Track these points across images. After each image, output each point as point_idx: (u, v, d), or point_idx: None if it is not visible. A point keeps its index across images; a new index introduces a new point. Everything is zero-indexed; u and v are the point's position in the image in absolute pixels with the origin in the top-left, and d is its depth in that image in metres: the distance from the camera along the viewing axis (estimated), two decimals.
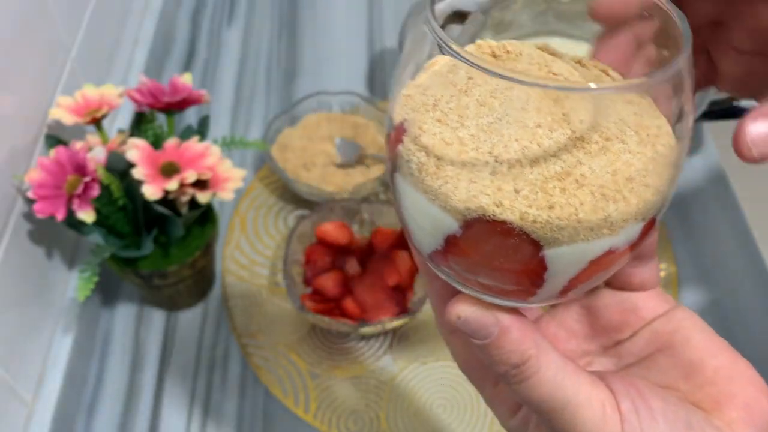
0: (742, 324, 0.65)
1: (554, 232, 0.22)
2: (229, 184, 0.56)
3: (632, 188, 0.23)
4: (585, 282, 0.25)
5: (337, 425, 0.58)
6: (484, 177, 0.22)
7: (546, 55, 0.27)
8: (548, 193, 0.22)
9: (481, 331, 0.25)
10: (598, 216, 0.22)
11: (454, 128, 0.23)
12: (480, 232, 0.23)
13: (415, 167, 0.24)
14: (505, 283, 0.25)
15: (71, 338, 0.59)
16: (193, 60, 0.87)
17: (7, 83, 0.52)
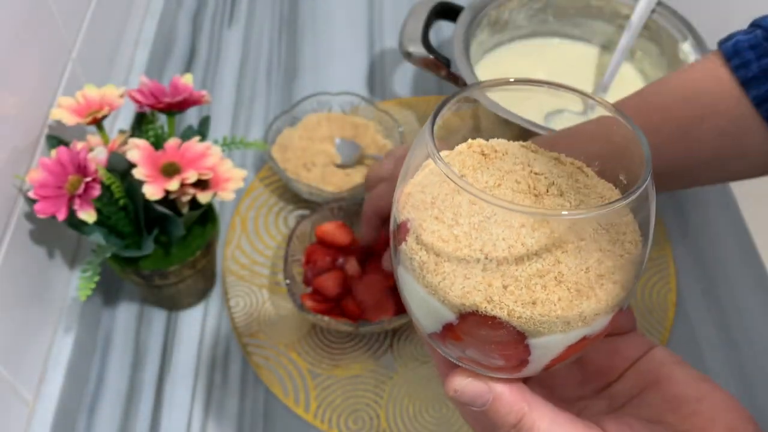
0: (741, 323, 0.65)
1: (536, 326, 0.26)
2: (229, 185, 0.57)
3: (602, 284, 0.26)
4: (564, 361, 0.29)
5: (337, 424, 0.58)
6: (477, 273, 0.26)
7: (529, 152, 0.30)
8: (531, 290, 0.26)
9: (477, 400, 0.29)
10: (573, 312, 0.26)
11: (449, 226, 0.26)
12: (473, 323, 0.27)
13: (417, 265, 0.27)
14: (495, 362, 0.28)
15: (72, 337, 0.59)
16: (193, 61, 0.87)
17: (9, 83, 0.52)
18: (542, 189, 0.28)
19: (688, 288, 0.68)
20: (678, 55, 0.71)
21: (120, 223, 0.55)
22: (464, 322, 0.27)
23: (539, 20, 0.78)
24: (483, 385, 0.29)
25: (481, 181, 0.28)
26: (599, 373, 0.33)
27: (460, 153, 0.30)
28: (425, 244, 0.27)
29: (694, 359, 0.63)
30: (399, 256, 0.29)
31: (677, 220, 0.73)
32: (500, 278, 0.26)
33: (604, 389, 0.33)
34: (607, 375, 0.33)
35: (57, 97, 0.60)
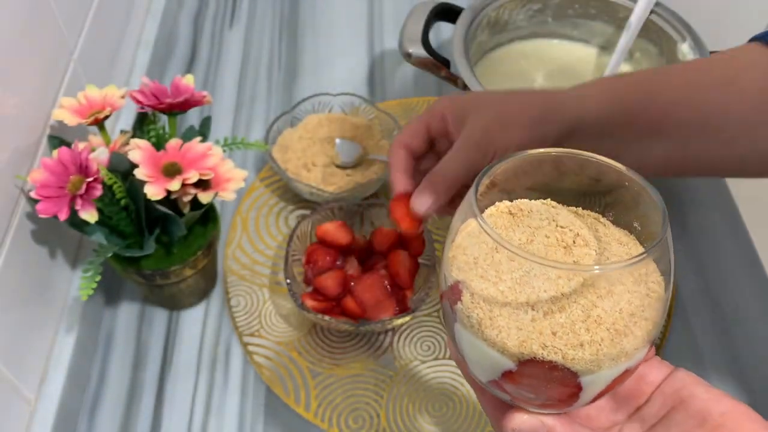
0: (740, 323, 0.65)
1: (587, 365, 0.29)
2: (230, 185, 0.57)
3: (636, 322, 0.29)
4: (609, 392, 0.32)
5: (337, 423, 0.59)
6: (527, 324, 0.29)
7: (551, 209, 0.34)
8: (577, 333, 0.29)
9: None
10: (616, 349, 0.29)
11: (494, 283, 0.30)
12: (532, 368, 0.30)
13: (475, 321, 0.30)
14: (548, 400, 0.31)
15: (74, 337, 0.59)
16: (195, 61, 0.88)
17: (10, 84, 0.52)
18: (569, 241, 0.31)
19: (686, 288, 0.68)
20: (677, 56, 0.72)
21: (121, 223, 0.56)
22: (523, 368, 0.30)
23: (538, 21, 0.78)
24: (537, 421, 0.32)
25: (515, 238, 0.32)
26: (628, 399, 0.36)
27: (491, 215, 0.33)
28: (479, 302, 0.30)
29: (692, 358, 0.63)
30: (456, 315, 0.31)
31: (676, 220, 0.73)
32: (548, 326, 0.29)
33: (634, 413, 0.36)
34: (635, 399, 0.36)
35: (59, 97, 0.60)
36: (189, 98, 0.59)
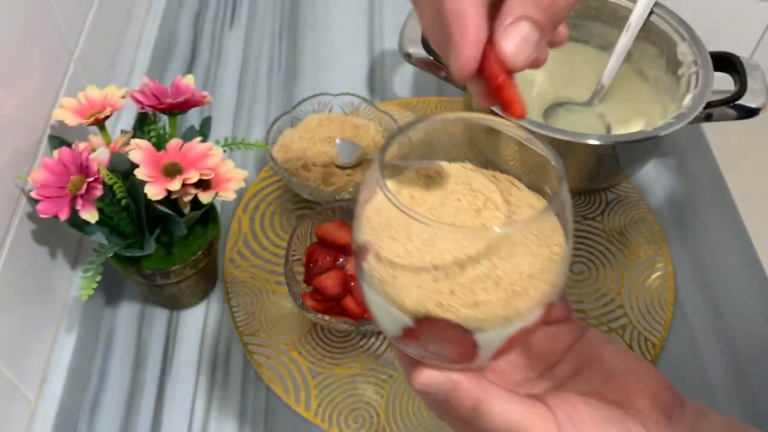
0: (740, 323, 0.65)
1: (480, 323, 0.30)
2: (230, 185, 0.57)
3: (534, 284, 0.30)
4: (508, 351, 0.33)
5: (337, 423, 0.59)
6: (429, 283, 0.30)
7: (468, 172, 0.35)
8: (474, 293, 0.30)
9: (439, 389, 0.33)
10: (510, 310, 0.30)
11: (403, 243, 0.30)
12: (428, 325, 0.31)
13: (377, 280, 0.31)
14: (449, 356, 0.32)
15: (74, 337, 0.59)
16: (195, 62, 0.88)
17: (11, 84, 0.52)
18: (480, 204, 0.33)
19: (686, 288, 0.68)
20: (676, 57, 0.72)
21: (122, 223, 0.56)
22: (421, 325, 0.31)
23: None
24: (443, 376, 0.33)
25: (429, 201, 0.33)
26: (542, 358, 0.38)
27: (410, 179, 0.34)
28: (384, 260, 0.31)
29: (692, 358, 0.63)
30: (362, 273, 0.33)
31: (675, 221, 0.73)
32: (448, 286, 0.30)
33: (547, 371, 0.38)
34: (548, 359, 0.38)
35: (59, 97, 0.60)
36: (189, 98, 0.59)
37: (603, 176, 0.71)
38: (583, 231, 0.71)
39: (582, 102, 0.76)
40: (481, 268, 0.30)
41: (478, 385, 0.33)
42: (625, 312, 0.66)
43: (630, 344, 0.63)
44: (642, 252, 0.70)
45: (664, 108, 0.73)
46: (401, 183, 0.34)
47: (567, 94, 0.77)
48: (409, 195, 0.33)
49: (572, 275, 0.68)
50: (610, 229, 0.72)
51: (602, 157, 0.68)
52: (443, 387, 0.33)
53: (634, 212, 0.73)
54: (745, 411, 0.60)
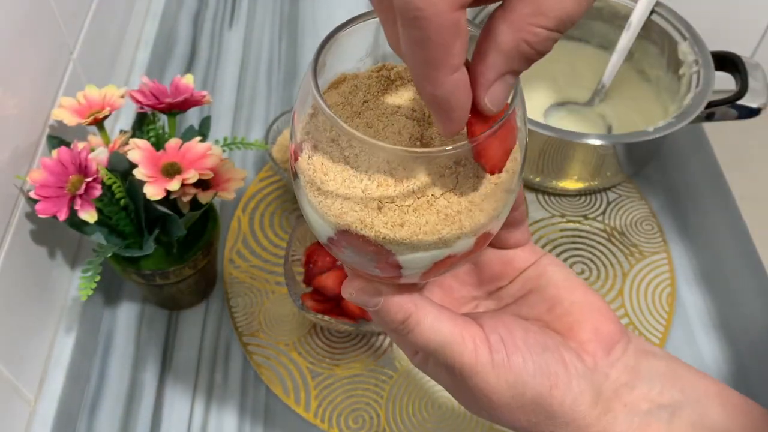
0: (740, 323, 0.65)
1: (400, 246, 0.29)
2: (230, 185, 0.57)
3: (470, 211, 0.28)
4: (437, 273, 0.31)
5: (337, 423, 0.59)
6: (357, 194, 0.28)
7: None
8: (403, 212, 0.28)
9: (369, 301, 0.32)
10: (433, 237, 0.28)
11: (343, 148, 0.28)
12: (349, 239, 0.29)
13: (305, 183, 0.30)
14: (374, 271, 0.31)
15: (73, 337, 0.59)
16: (194, 61, 0.88)
17: (10, 84, 0.52)
18: None
19: (686, 288, 0.68)
20: (677, 56, 0.72)
21: (121, 223, 0.56)
22: (341, 237, 0.30)
23: None
24: (373, 288, 0.32)
25: (381, 107, 0.30)
26: (493, 278, 0.37)
27: (368, 77, 0.32)
28: (314, 164, 0.29)
29: (692, 358, 0.63)
30: (293, 172, 0.31)
31: (676, 221, 0.73)
32: (377, 200, 0.28)
33: (495, 291, 0.37)
34: (499, 280, 0.37)
35: (58, 97, 0.60)
36: (189, 98, 0.59)
37: (604, 176, 0.71)
38: (584, 231, 0.71)
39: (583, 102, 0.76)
40: (417, 185, 0.28)
41: (410, 300, 0.32)
42: (626, 312, 0.65)
43: None
44: (643, 252, 0.70)
45: (664, 108, 0.73)
46: (359, 81, 0.32)
47: (568, 93, 0.77)
48: (363, 98, 0.31)
49: None
50: (611, 229, 0.71)
51: (603, 157, 0.68)
52: (373, 299, 0.32)
53: (635, 212, 0.73)
54: None
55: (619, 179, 0.72)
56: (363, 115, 0.30)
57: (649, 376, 0.34)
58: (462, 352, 0.32)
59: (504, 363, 0.32)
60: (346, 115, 0.30)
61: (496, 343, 0.32)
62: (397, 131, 0.29)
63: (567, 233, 0.71)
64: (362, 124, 0.30)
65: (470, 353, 0.32)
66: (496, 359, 0.32)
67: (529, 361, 0.32)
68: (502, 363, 0.32)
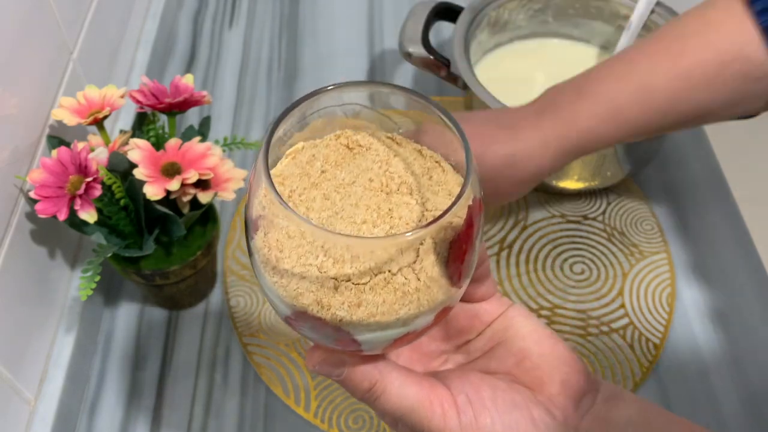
0: (740, 323, 0.65)
1: (358, 327, 0.28)
2: (230, 185, 0.57)
3: (429, 288, 0.28)
4: (398, 347, 0.31)
5: (337, 423, 0.59)
6: (313, 273, 0.27)
7: (393, 145, 0.32)
8: (360, 290, 0.27)
9: (333, 372, 0.33)
10: (391, 317, 0.28)
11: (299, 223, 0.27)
12: (305, 319, 0.29)
13: (261, 262, 0.29)
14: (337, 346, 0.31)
15: (73, 337, 0.59)
16: (194, 61, 0.88)
17: (10, 84, 0.52)
18: (393, 187, 0.30)
19: (687, 288, 0.68)
20: None
21: (121, 223, 0.56)
22: (298, 317, 0.29)
23: (539, 21, 0.78)
24: (336, 359, 0.32)
25: (339, 177, 0.30)
26: (460, 333, 0.37)
27: (327, 146, 0.32)
28: (269, 242, 0.28)
29: (693, 358, 0.63)
30: (250, 248, 0.30)
31: (676, 221, 0.73)
32: (334, 278, 0.27)
33: (463, 345, 0.37)
34: (467, 333, 0.37)
35: (58, 97, 0.60)
36: (188, 98, 0.58)
37: (604, 176, 0.71)
38: (584, 231, 0.71)
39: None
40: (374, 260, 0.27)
41: (374, 368, 0.32)
42: (626, 312, 0.65)
43: (631, 344, 0.63)
44: (643, 252, 0.70)
45: None
46: (317, 150, 0.31)
47: None
48: (321, 168, 0.30)
49: (573, 275, 0.68)
50: (611, 229, 0.71)
51: (603, 157, 0.68)
52: (336, 370, 0.32)
53: (635, 212, 0.73)
54: (746, 411, 0.60)
55: (619, 179, 0.72)
56: (320, 186, 0.30)
57: (620, 425, 0.34)
58: (430, 417, 0.32)
59: (472, 424, 0.32)
60: (303, 186, 0.30)
61: (463, 404, 0.32)
62: (354, 203, 0.29)
63: (567, 233, 0.71)
64: (319, 195, 0.29)
65: (438, 418, 0.32)
66: (463, 421, 0.32)
67: (497, 422, 0.32)
68: (470, 425, 0.32)
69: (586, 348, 0.63)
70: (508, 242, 0.70)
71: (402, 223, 0.28)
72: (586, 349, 0.63)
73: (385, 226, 0.28)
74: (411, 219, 0.29)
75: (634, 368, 0.62)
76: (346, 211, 0.28)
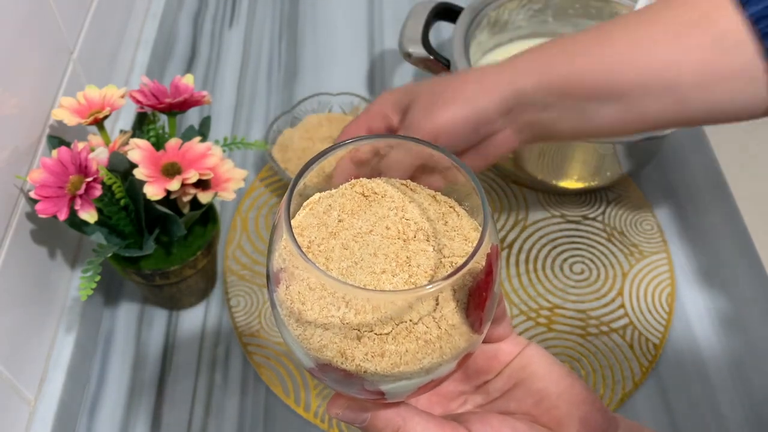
0: (740, 323, 0.65)
1: (382, 378, 0.29)
2: (230, 185, 0.57)
3: (450, 336, 0.28)
4: (421, 394, 0.31)
5: (337, 423, 0.59)
6: (336, 324, 0.28)
7: (408, 191, 0.33)
8: (383, 340, 0.28)
9: (355, 420, 0.33)
10: (415, 367, 0.28)
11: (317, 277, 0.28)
12: (330, 371, 0.29)
13: (285, 315, 0.29)
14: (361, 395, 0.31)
15: (73, 337, 0.59)
16: (194, 61, 0.88)
17: (10, 84, 0.52)
18: (410, 234, 0.30)
19: (686, 288, 0.68)
20: None
21: (121, 223, 0.56)
22: (322, 369, 0.30)
23: (539, 21, 0.78)
24: (359, 406, 0.33)
25: (356, 226, 0.31)
26: (478, 373, 0.38)
27: (342, 195, 0.32)
28: (291, 295, 0.29)
29: (693, 359, 0.63)
30: (273, 302, 0.31)
31: (676, 221, 0.73)
32: (356, 329, 0.28)
33: (482, 386, 0.38)
34: (485, 374, 0.37)
35: (58, 97, 0.60)
36: (189, 98, 0.59)
37: (604, 176, 0.71)
38: (583, 231, 0.71)
39: None
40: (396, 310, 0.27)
41: (397, 414, 0.32)
42: (626, 312, 0.65)
43: (630, 344, 0.63)
44: (643, 252, 0.70)
45: None
46: (333, 200, 0.32)
47: None
48: (338, 217, 0.31)
49: (573, 275, 0.68)
50: (611, 229, 0.71)
51: (603, 157, 0.68)
52: (359, 418, 0.33)
53: (635, 212, 0.73)
54: (747, 411, 0.60)
55: (619, 179, 0.72)
56: (338, 236, 0.30)
57: None
58: None
59: None
60: (322, 236, 0.30)
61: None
62: (373, 252, 0.29)
63: (567, 233, 0.71)
64: (338, 245, 0.30)
65: None
66: None
67: None
68: None
69: (585, 348, 0.63)
70: (508, 242, 0.70)
71: (420, 271, 0.29)
72: (586, 349, 0.63)
73: (404, 275, 0.29)
74: (428, 266, 0.29)
75: (634, 368, 0.62)
76: (365, 260, 0.29)
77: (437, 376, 0.30)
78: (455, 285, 0.28)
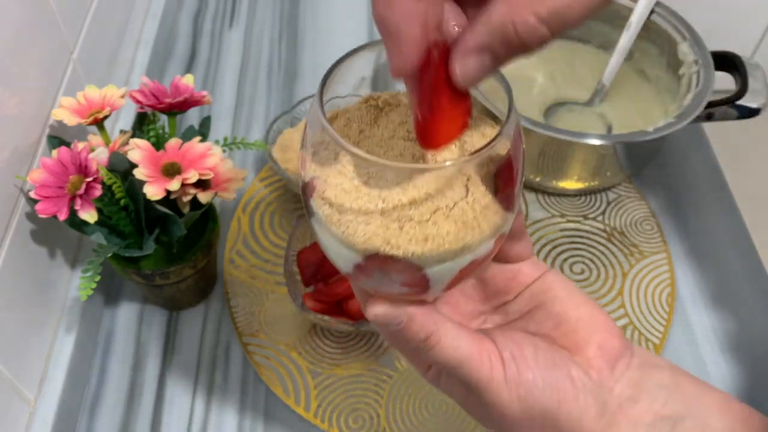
0: (740, 323, 0.65)
1: (429, 260, 0.30)
2: (230, 185, 0.57)
3: (486, 215, 0.30)
4: (461, 281, 0.33)
5: (337, 423, 0.59)
6: (376, 218, 0.29)
7: None
8: (424, 227, 0.29)
9: (393, 322, 0.33)
10: (459, 245, 0.30)
11: (351, 178, 0.30)
12: (377, 262, 0.30)
13: (324, 217, 0.30)
14: (401, 290, 0.32)
15: (73, 337, 0.59)
16: (194, 61, 0.88)
17: (10, 84, 0.52)
18: None
19: (686, 288, 0.68)
20: (677, 56, 0.72)
21: (121, 223, 0.56)
22: (369, 261, 0.30)
23: None
24: (397, 309, 0.33)
25: (378, 134, 0.32)
26: (498, 294, 0.38)
27: (358, 109, 0.33)
28: (329, 198, 0.30)
29: (693, 358, 0.63)
30: (309, 210, 0.32)
31: (676, 221, 0.73)
32: (396, 220, 0.29)
33: (501, 306, 0.38)
34: (505, 294, 0.38)
35: (58, 97, 0.60)
36: (189, 98, 0.59)
37: (604, 176, 0.71)
38: (583, 231, 0.71)
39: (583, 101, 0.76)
40: (431, 200, 0.29)
41: (430, 318, 0.33)
42: (626, 312, 0.65)
43: None
44: (643, 252, 0.70)
45: (664, 108, 0.73)
46: (349, 114, 0.33)
47: (568, 93, 0.77)
48: (359, 128, 0.32)
49: (573, 275, 0.68)
50: (611, 229, 0.71)
51: (603, 157, 0.68)
52: (397, 319, 0.33)
53: (635, 212, 0.73)
54: None
55: (619, 179, 0.72)
56: (362, 144, 0.31)
57: (652, 389, 0.35)
58: (479, 369, 0.33)
59: (515, 378, 0.33)
60: None
61: (508, 359, 0.34)
62: (399, 154, 0.31)
63: (567, 233, 0.71)
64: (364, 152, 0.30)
65: (486, 370, 0.33)
66: (508, 375, 0.33)
67: (539, 377, 0.33)
68: (514, 379, 0.33)
69: None
70: None
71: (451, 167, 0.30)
72: None
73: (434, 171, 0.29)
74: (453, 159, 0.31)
75: None
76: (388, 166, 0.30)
77: (477, 256, 0.31)
78: (481, 171, 0.29)
